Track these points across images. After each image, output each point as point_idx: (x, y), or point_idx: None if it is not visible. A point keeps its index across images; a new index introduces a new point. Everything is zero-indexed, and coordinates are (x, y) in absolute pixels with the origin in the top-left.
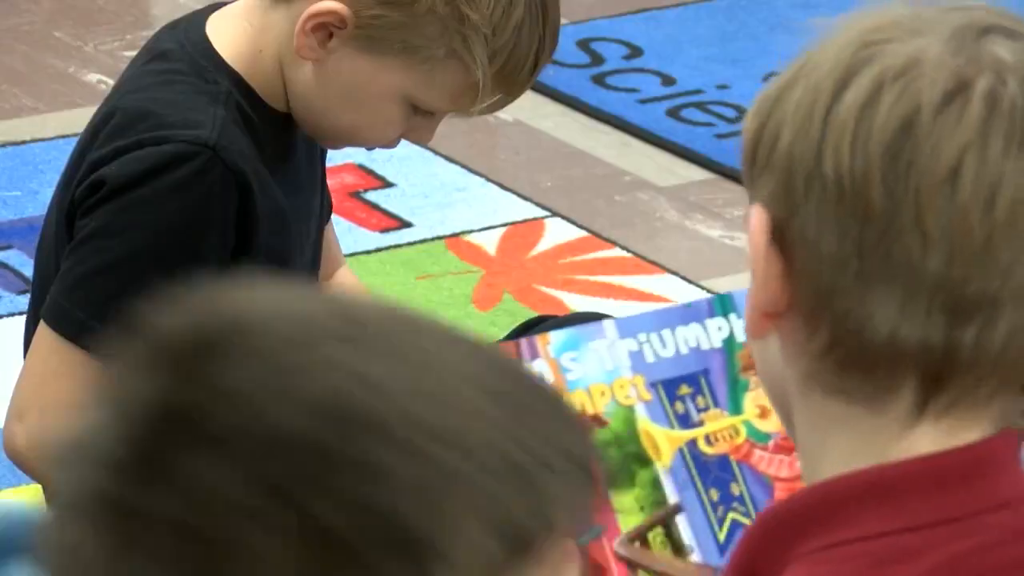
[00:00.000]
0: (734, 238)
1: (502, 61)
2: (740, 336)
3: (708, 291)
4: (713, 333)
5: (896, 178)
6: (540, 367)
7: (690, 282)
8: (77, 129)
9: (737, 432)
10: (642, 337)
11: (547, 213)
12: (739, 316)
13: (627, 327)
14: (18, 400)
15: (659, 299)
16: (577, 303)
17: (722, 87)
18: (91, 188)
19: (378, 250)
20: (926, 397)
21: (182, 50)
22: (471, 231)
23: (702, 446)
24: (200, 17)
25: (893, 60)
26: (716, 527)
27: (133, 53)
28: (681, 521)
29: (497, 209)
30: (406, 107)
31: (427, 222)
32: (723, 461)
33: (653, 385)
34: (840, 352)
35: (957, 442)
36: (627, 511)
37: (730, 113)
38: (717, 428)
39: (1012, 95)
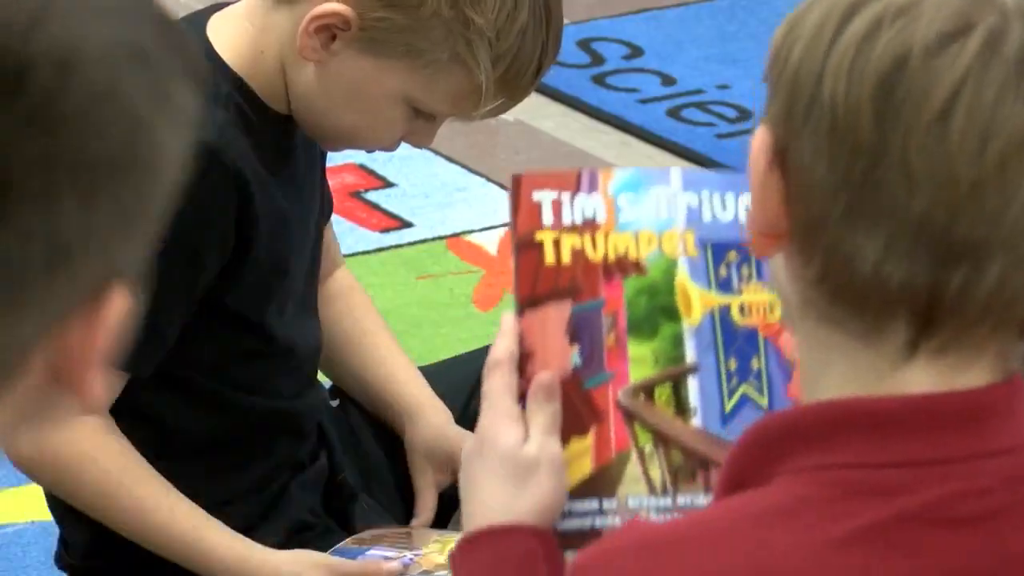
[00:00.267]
0: None
1: (505, 66)
2: None
3: None
4: None
5: (886, 115)
6: (595, 202)
7: None
8: None
9: (772, 310)
10: (704, 194)
11: None
12: None
13: (692, 180)
14: None
15: None
16: None
17: (722, 87)
18: None
19: (379, 250)
20: (917, 336)
21: None
22: (472, 231)
23: (734, 314)
24: (201, 18)
25: None
26: (725, 396)
27: None
28: (692, 383)
29: (498, 209)
30: (408, 110)
31: (428, 222)
32: (751, 335)
33: (702, 244)
34: (832, 283)
35: (953, 384)
36: (641, 362)
37: (730, 113)
38: (754, 300)
39: (1015, 40)
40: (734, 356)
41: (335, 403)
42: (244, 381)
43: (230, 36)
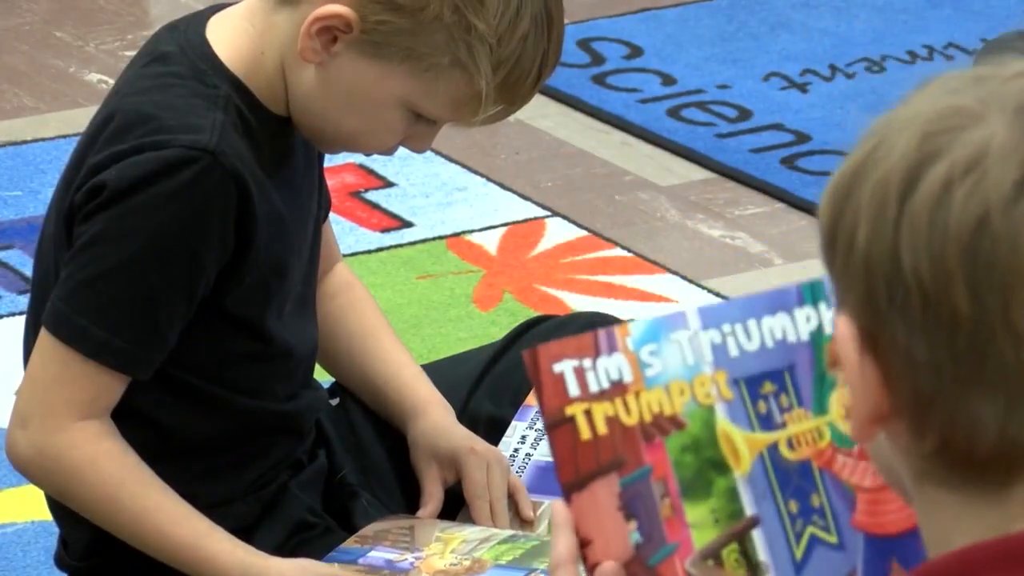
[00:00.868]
0: (735, 238)
1: (506, 72)
2: (828, 328)
3: (709, 291)
4: (801, 324)
5: (978, 280)
6: (618, 362)
7: (691, 282)
8: (78, 129)
9: (821, 435)
10: (726, 328)
11: (548, 213)
12: (828, 306)
13: (711, 317)
14: (20, 407)
15: (660, 299)
16: (578, 303)
17: (723, 87)
18: (90, 193)
19: (379, 250)
20: None
21: (181, 53)
22: (472, 231)
23: (783, 451)
24: (200, 19)
25: (960, 153)
26: (793, 544)
27: (134, 53)
28: (757, 536)
29: (498, 209)
30: (407, 114)
31: (428, 222)
32: (805, 468)
33: (735, 382)
34: (951, 454)
35: None
36: (701, 525)
37: (731, 113)
38: (800, 430)
39: None
40: (793, 498)
41: (335, 401)
42: (241, 383)
43: (230, 37)
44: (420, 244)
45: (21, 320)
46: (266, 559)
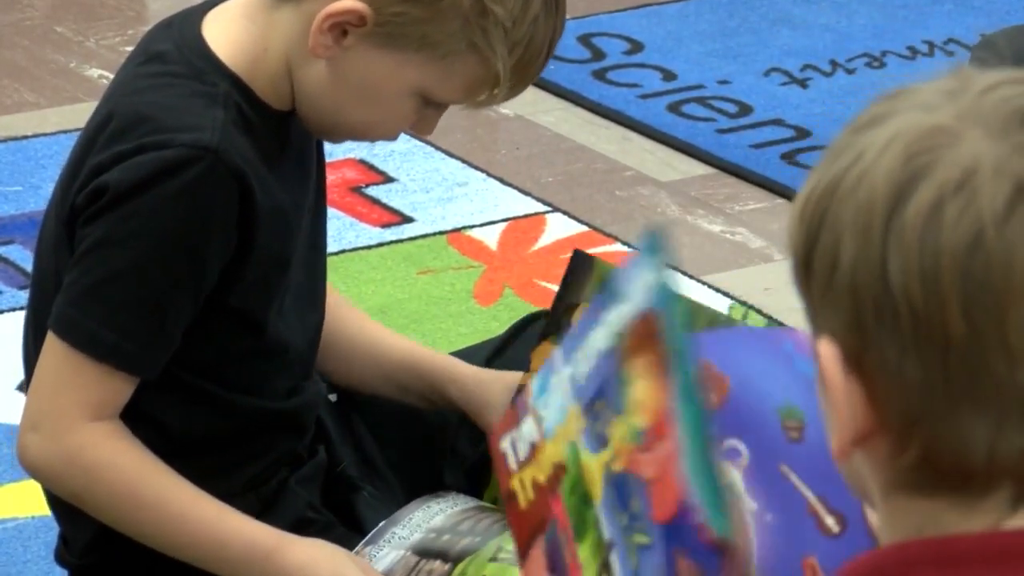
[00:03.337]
0: (735, 233)
1: (520, 53)
2: (620, 323)
3: (710, 287)
4: (609, 328)
5: (972, 299)
6: (530, 425)
7: (691, 277)
8: (78, 124)
9: (627, 436)
10: (576, 356)
11: (548, 208)
12: (621, 300)
13: (567, 349)
14: (31, 411)
15: None
16: None
17: (723, 82)
18: (93, 195)
19: (379, 245)
20: (1021, 494)
21: (178, 51)
22: (472, 226)
23: (613, 465)
24: (194, 16)
25: (949, 171)
26: (631, 556)
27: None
28: (613, 560)
29: (498, 204)
30: (418, 101)
31: (428, 217)
32: (623, 477)
33: (585, 411)
34: (932, 467)
35: None
36: (587, 564)
37: (731, 108)
38: (618, 439)
39: None
40: (623, 510)
41: (334, 397)
42: (240, 381)
43: (229, 35)
44: (420, 239)
45: (22, 315)
46: (294, 538)
